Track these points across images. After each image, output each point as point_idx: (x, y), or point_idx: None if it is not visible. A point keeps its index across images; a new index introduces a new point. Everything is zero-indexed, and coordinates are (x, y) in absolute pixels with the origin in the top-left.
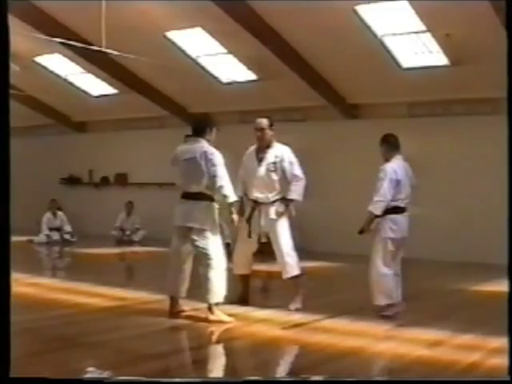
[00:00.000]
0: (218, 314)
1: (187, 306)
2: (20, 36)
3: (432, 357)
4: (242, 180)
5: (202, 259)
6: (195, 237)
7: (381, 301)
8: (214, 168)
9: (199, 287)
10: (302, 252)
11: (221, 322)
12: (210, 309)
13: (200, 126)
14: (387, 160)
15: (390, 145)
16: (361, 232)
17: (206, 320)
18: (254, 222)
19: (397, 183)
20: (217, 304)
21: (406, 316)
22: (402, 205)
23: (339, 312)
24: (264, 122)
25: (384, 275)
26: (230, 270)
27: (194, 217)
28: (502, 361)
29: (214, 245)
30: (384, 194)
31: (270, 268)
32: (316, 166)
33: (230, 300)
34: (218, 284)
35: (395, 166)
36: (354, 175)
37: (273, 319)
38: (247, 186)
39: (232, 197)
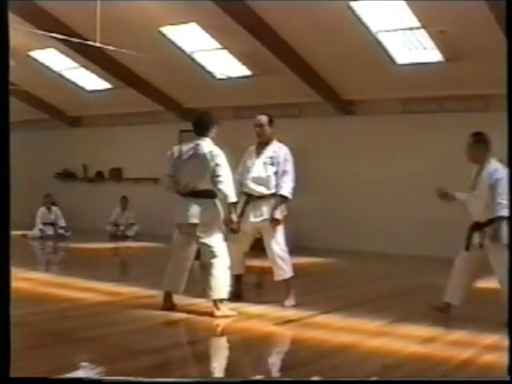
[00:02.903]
0: (223, 310)
1: (183, 302)
2: (15, 31)
3: (425, 353)
4: (239, 178)
5: (206, 256)
6: (200, 234)
7: None
8: (218, 167)
9: (194, 283)
10: (296, 248)
11: (226, 316)
12: (215, 305)
13: (203, 125)
14: (479, 162)
15: (488, 144)
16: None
17: (212, 315)
18: (246, 216)
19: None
20: (221, 300)
21: (400, 312)
22: None
23: (333, 308)
24: (263, 118)
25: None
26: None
27: (200, 214)
28: (495, 358)
29: (218, 242)
30: (507, 197)
31: (263, 263)
32: (310, 162)
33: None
34: (223, 280)
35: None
36: (349, 171)
37: (266, 315)
38: (243, 181)
39: (233, 197)
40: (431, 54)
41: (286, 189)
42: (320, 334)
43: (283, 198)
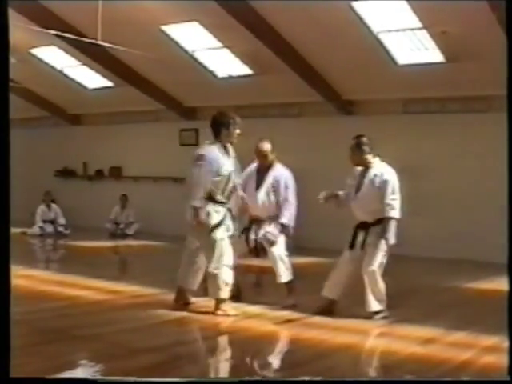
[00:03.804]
0: (225, 309)
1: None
2: (16, 28)
3: (425, 354)
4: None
5: (204, 256)
6: (194, 232)
7: (375, 307)
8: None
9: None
10: (296, 248)
11: (227, 315)
12: (216, 303)
13: (215, 126)
14: (361, 164)
15: (369, 147)
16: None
17: (213, 314)
18: (251, 233)
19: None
20: (223, 300)
21: (399, 313)
22: None
23: (332, 308)
24: (267, 146)
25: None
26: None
27: (187, 214)
28: (495, 359)
29: (208, 241)
30: (399, 198)
31: (262, 263)
32: (310, 162)
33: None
34: (223, 280)
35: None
36: (349, 171)
37: (265, 314)
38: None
39: (196, 201)
40: (432, 54)
41: (287, 216)
42: (319, 333)
43: (283, 226)
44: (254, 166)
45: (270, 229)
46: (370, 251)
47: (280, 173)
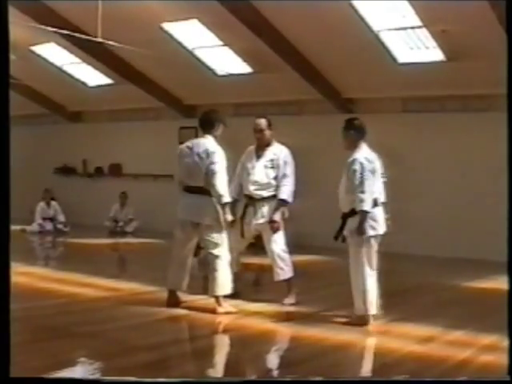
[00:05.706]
0: (226, 306)
1: (182, 298)
2: (16, 25)
3: (423, 352)
4: (238, 180)
5: (210, 252)
6: (204, 231)
7: (367, 310)
8: (213, 165)
9: (193, 279)
10: (297, 246)
11: (228, 313)
12: (217, 301)
13: (207, 122)
14: (352, 149)
15: (358, 130)
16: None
17: (214, 312)
18: (247, 219)
19: (372, 173)
20: (224, 296)
21: (398, 311)
22: (377, 196)
23: (332, 306)
24: (263, 122)
25: (372, 281)
26: None
27: (203, 213)
28: (493, 358)
29: (221, 238)
30: (369, 189)
31: (262, 261)
32: (310, 160)
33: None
34: (227, 276)
35: (367, 155)
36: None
37: (265, 312)
38: (243, 183)
39: (226, 197)
40: (433, 53)
41: (286, 192)
42: (318, 332)
43: (283, 202)
44: (252, 146)
45: (267, 211)
46: (350, 249)
47: (279, 149)
